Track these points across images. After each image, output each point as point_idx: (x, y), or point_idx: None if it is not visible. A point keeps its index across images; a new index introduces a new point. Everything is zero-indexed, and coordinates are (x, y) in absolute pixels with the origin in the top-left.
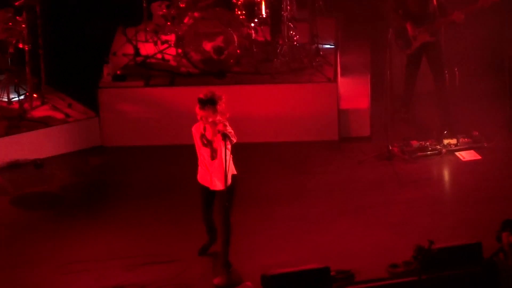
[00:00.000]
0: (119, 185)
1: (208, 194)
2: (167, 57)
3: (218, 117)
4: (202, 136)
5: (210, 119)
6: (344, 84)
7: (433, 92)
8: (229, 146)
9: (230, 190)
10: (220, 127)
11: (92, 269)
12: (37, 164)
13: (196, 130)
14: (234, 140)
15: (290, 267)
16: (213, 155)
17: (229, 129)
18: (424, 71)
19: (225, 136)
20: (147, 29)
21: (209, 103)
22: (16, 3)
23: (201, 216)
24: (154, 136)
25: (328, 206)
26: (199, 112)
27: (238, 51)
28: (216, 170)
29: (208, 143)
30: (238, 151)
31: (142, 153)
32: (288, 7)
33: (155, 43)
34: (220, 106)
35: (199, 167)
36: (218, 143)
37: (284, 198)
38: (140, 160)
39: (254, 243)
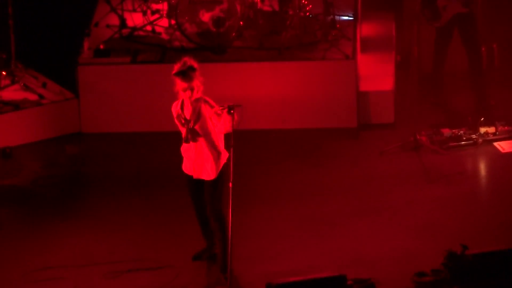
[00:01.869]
0: (100, 179)
1: (194, 184)
2: (157, 29)
3: (201, 89)
4: (179, 116)
5: (196, 92)
6: (364, 62)
7: (467, 72)
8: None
9: (218, 180)
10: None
11: (67, 276)
12: (6, 153)
13: (174, 109)
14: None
15: (300, 275)
16: (188, 137)
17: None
18: (457, 48)
19: (232, 107)
20: None
21: (191, 70)
22: None
23: (193, 213)
24: (142, 121)
25: (344, 204)
26: (183, 84)
27: (240, 22)
28: (198, 156)
29: (186, 123)
30: (239, 140)
31: (128, 141)
32: None
33: (144, 13)
34: (199, 73)
35: (182, 152)
36: (201, 123)
37: (293, 195)
38: (125, 149)
39: (258, 247)
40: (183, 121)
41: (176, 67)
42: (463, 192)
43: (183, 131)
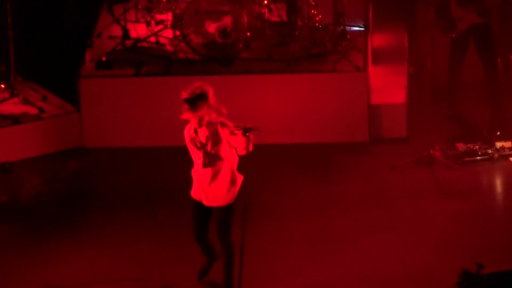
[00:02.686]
0: (102, 194)
1: (201, 210)
2: (162, 40)
3: (213, 115)
4: (193, 139)
5: (206, 118)
6: (376, 74)
7: (483, 85)
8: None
9: (232, 206)
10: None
11: None
12: (5, 168)
13: (187, 133)
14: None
15: None
16: (206, 162)
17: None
18: (472, 59)
19: (248, 130)
20: (139, 6)
21: (199, 98)
22: None
23: (192, 236)
24: (146, 135)
25: (355, 220)
26: (189, 114)
27: (247, 33)
28: (214, 181)
29: (202, 146)
30: (248, 155)
31: (131, 156)
32: None
33: (148, 24)
34: (212, 100)
35: (193, 177)
36: (219, 147)
37: (303, 211)
38: (128, 164)
39: (266, 264)
40: (198, 145)
41: (186, 92)
42: (478, 209)
43: (198, 155)
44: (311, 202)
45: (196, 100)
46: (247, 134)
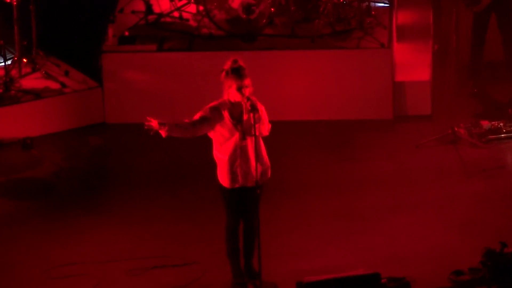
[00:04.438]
0: (124, 171)
1: (239, 194)
2: (185, 15)
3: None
4: (232, 115)
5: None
6: (401, 51)
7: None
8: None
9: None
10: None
11: (89, 273)
12: (26, 144)
13: (218, 109)
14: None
15: (332, 273)
16: (243, 136)
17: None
18: (497, 38)
19: (253, 108)
20: None
21: (244, 69)
22: None
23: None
24: (168, 111)
25: (378, 200)
26: (239, 81)
27: (271, 9)
28: (255, 157)
29: (238, 121)
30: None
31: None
32: None
33: None
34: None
35: (224, 166)
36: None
37: (324, 189)
38: (150, 141)
39: (288, 244)
40: (234, 122)
41: (227, 65)
42: (503, 187)
43: (233, 133)
44: (333, 180)
45: (243, 69)
46: (250, 112)
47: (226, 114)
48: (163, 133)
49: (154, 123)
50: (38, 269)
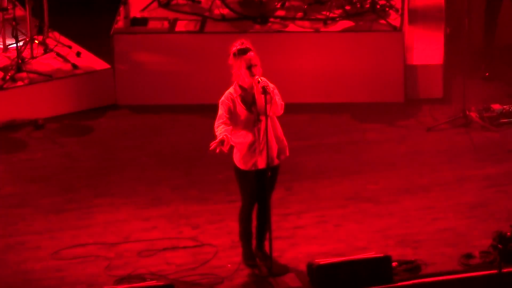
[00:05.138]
0: (136, 153)
1: (259, 177)
2: None
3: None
4: (243, 99)
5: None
6: (413, 33)
7: None
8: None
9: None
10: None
11: (100, 254)
12: (38, 125)
13: (232, 98)
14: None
15: (342, 256)
16: (258, 118)
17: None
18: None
19: (264, 90)
20: None
21: (251, 49)
22: None
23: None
24: (180, 93)
25: (389, 182)
26: (252, 60)
27: None
28: (273, 138)
29: (251, 104)
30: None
31: (165, 114)
32: None
33: None
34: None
35: (241, 149)
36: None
37: (335, 172)
38: (162, 122)
39: (299, 226)
40: (248, 106)
41: (234, 47)
42: None
43: (248, 116)
44: (344, 162)
45: (251, 50)
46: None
47: (238, 100)
48: (226, 148)
49: (215, 144)
50: (48, 250)
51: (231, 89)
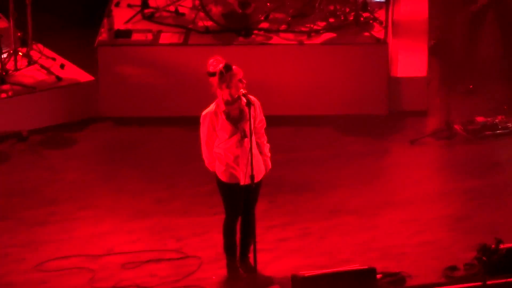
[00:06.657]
0: (119, 165)
1: (240, 191)
2: (181, 9)
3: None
4: (228, 115)
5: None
6: (397, 46)
7: (503, 59)
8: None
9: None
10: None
11: (83, 266)
12: (22, 137)
13: (215, 114)
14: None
15: (327, 268)
16: (244, 135)
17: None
18: (493, 34)
19: (249, 104)
20: None
21: (230, 68)
22: None
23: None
24: (164, 105)
25: (372, 195)
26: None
27: (268, 3)
28: (254, 155)
29: (237, 121)
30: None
31: (148, 126)
32: None
33: None
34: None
35: (223, 162)
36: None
37: (318, 185)
38: (145, 134)
39: (281, 239)
40: (233, 121)
41: (214, 67)
42: (498, 184)
43: (232, 132)
44: (327, 175)
45: (230, 67)
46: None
47: (222, 116)
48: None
49: None
50: (31, 263)
51: (213, 105)
